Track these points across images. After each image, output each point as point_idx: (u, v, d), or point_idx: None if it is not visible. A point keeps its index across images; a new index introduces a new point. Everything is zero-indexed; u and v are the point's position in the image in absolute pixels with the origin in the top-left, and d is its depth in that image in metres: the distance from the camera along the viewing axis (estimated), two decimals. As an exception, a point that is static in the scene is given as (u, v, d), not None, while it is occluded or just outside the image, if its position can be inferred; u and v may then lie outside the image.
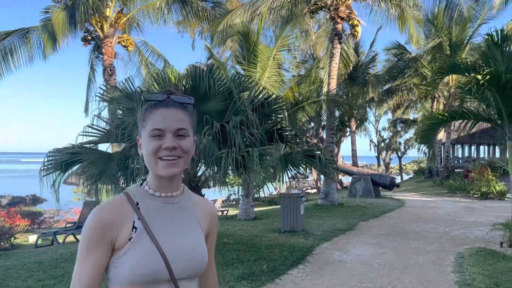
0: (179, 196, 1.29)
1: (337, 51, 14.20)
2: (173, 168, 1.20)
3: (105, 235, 1.16)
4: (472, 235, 9.69)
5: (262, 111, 7.29)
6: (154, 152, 1.19)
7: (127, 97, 6.64)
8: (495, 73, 7.04)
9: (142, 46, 17.19)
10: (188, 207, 1.30)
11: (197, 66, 6.64)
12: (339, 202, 14.63)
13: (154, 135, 1.19)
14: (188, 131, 1.23)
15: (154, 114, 1.22)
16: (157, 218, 1.22)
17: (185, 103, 1.27)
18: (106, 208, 1.20)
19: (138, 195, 1.25)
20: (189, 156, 1.24)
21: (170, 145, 1.18)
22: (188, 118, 1.25)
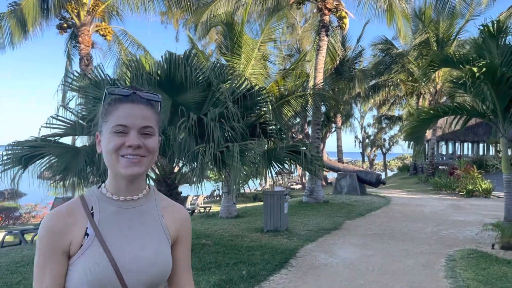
0: (142, 199, 1.20)
1: (324, 43, 13.73)
2: (135, 168, 1.11)
3: (57, 244, 1.10)
4: (461, 235, 9.36)
5: (244, 103, 6.77)
6: (115, 150, 1.11)
7: (96, 86, 6.03)
8: (491, 66, 6.64)
9: (122, 35, 16.44)
10: (151, 212, 1.20)
11: (173, 52, 6.07)
12: (324, 200, 14.22)
13: (117, 132, 1.11)
14: (154, 130, 1.16)
15: (118, 109, 1.13)
16: (111, 224, 1.14)
17: (152, 100, 1.19)
18: (56, 215, 1.13)
19: (94, 198, 1.17)
20: (153, 157, 1.16)
21: (135, 143, 1.10)
22: (155, 117, 1.18)
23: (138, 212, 1.18)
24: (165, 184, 7.03)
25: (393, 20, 16.03)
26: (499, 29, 7.04)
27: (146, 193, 1.22)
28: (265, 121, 7.35)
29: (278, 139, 7.64)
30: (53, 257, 1.09)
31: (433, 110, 7.64)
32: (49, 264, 1.09)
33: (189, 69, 6.00)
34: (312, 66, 15.77)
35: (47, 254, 1.10)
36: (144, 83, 5.98)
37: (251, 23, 26.69)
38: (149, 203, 1.21)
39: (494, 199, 16.89)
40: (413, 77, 25.01)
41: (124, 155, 1.11)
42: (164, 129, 5.94)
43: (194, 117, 5.62)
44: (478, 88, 6.49)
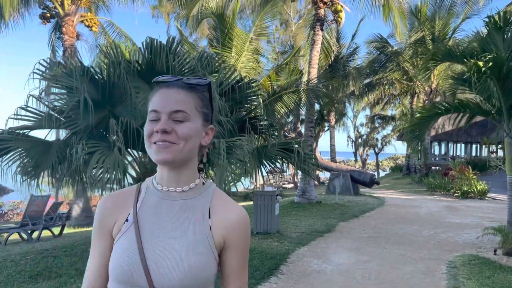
0: (188, 192, 1.11)
1: (318, 37, 13.24)
2: (163, 154, 1.03)
3: (104, 223, 1.12)
4: (460, 239, 8.93)
5: (233, 96, 6.25)
6: (148, 136, 1.07)
7: (68, 75, 5.47)
8: (497, 60, 6.19)
9: (108, 27, 15.85)
10: (197, 208, 1.10)
11: (154, 38, 5.53)
12: (317, 200, 13.75)
13: (151, 119, 1.06)
14: (189, 115, 1.06)
15: (154, 96, 1.09)
16: (151, 214, 1.09)
17: (194, 84, 1.09)
18: (109, 196, 1.17)
19: (145, 187, 1.16)
20: (187, 144, 1.05)
21: (161, 127, 1.02)
22: (194, 101, 1.08)
23: (181, 206, 1.10)
24: (146, 183, 6.48)
25: (390, 16, 15.59)
26: (506, 21, 6.59)
27: (196, 187, 1.13)
28: (255, 116, 6.83)
29: (269, 135, 7.14)
30: (100, 235, 1.12)
31: (435, 107, 7.19)
32: (97, 241, 1.13)
33: (172, 57, 5.47)
34: (306, 61, 15.29)
35: (96, 232, 1.13)
36: (122, 72, 5.43)
37: (244, 19, 26.19)
38: (197, 198, 1.12)
39: (489, 200, 16.56)
40: (408, 75, 24.64)
41: (155, 141, 1.05)
42: (143, 122, 5.40)
43: (176, 110, 5.09)
44: (484, 84, 6.03)
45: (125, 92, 5.65)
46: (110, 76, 5.49)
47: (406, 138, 7.78)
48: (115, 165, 4.85)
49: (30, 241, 9.01)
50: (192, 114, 1.07)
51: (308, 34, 17.06)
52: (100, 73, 5.76)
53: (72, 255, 6.61)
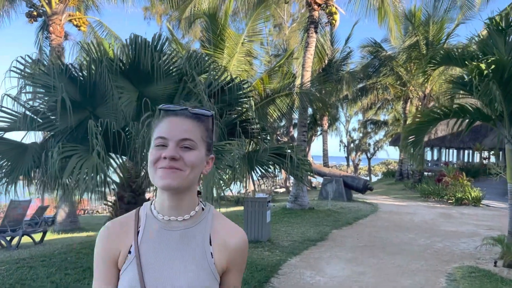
0: (188, 221, 1.11)
1: (312, 40, 12.96)
2: (169, 179, 1.04)
3: (108, 253, 1.11)
4: (457, 248, 8.65)
5: (223, 98, 5.90)
6: (154, 162, 1.07)
7: (46, 72, 5.10)
8: (500, 63, 5.92)
9: (98, 26, 15.41)
10: (197, 237, 1.11)
11: (138, 35, 5.18)
12: (310, 206, 13.42)
13: (158, 144, 1.08)
14: (196, 144, 1.09)
15: (161, 123, 1.11)
16: (152, 246, 1.09)
17: (200, 114, 1.13)
18: (111, 225, 1.15)
19: (144, 214, 1.15)
20: (192, 171, 1.07)
21: (169, 154, 1.04)
22: (200, 131, 1.11)
23: (181, 236, 1.09)
24: (130, 189, 6.11)
25: (385, 20, 15.39)
26: (508, 23, 6.33)
27: (196, 214, 1.13)
28: (246, 119, 6.49)
29: (261, 140, 6.79)
30: (105, 264, 1.11)
31: (433, 112, 6.91)
32: (102, 269, 1.11)
33: (157, 55, 5.11)
34: (300, 64, 15.01)
35: (100, 260, 1.12)
36: (104, 70, 5.07)
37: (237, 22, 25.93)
38: (198, 226, 1.12)
39: (483, 207, 16.35)
40: (402, 80, 24.49)
41: (161, 167, 1.05)
42: (126, 125, 5.04)
43: (161, 111, 4.73)
44: (486, 87, 5.76)
45: (107, 92, 5.27)
46: (91, 74, 5.12)
47: (403, 144, 7.48)
48: (94, 170, 4.47)
49: (9, 249, 8.57)
50: (198, 143, 1.10)
51: (302, 37, 16.82)
52: (80, 72, 5.38)
53: (50, 265, 6.19)
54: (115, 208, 6.16)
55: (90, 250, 7.22)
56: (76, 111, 5.20)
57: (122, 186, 6.17)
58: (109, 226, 1.14)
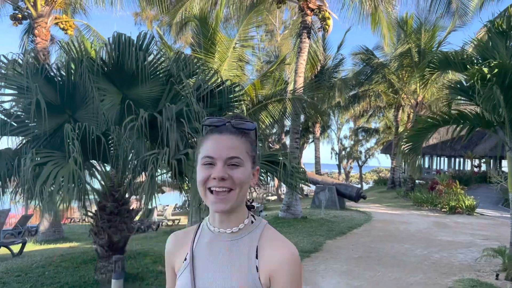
0: (236, 233, 1.15)
1: (305, 45, 12.70)
2: (221, 205, 1.09)
3: (168, 261, 1.25)
4: (456, 260, 8.35)
5: (213, 101, 5.56)
6: (203, 182, 1.11)
7: (20, 72, 4.71)
8: (502, 67, 5.67)
9: (85, 30, 15.02)
10: (244, 249, 1.13)
11: (122, 33, 4.82)
12: (303, 215, 13.07)
13: (205, 163, 1.11)
14: (243, 161, 1.11)
15: (207, 141, 1.14)
16: (203, 255, 1.16)
17: (244, 129, 1.16)
18: (173, 236, 1.26)
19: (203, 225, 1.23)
20: (242, 189, 1.11)
21: (219, 175, 1.07)
22: (245, 146, 1.14)
23: (230, 247, 1.14)
24: (112, 199, 5.72)
25: (378, 26, 15.22)
26: (510, 25, 6.10)
27: (245, 227, 1.16)
28: (237, 124, 6.14)
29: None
30: (168, 270, 1.25)
31: (432, 118, 6.63)
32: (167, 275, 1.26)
33: (142, 55, 4.76)
34: (292, 71, 14.75)
35: (166, 267, 1.26)
36: (84, 71, 4.70)
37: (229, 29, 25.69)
38: (245, 238, 1.15)
39: (477, 216, 16.14)
40: (394, 88, 24.39)
41: (211, 187, 1.09)
42: (107, 129, 4.67)
43: (145, 115, 4.37)
44: (489, 92, 5.49)
45: (88, 94, 4.90)
46: (70, 75, 4.74)
47: (400, 151, 7.18)
48: (70, 178, 4.09)
49: (-15, 261, 8.07)
50: (245, 159, 1.12)
51: (294, 43, 16.58)
52: (58, 72, 5.01)
53: (25, 281, 5.76)
54: (96, 219, 5.76)
55: (70, 263, 6.79)
56: (53, 114, 4.83)
57: (104, 195, 5.77)
58: (172, 236, 1.26)
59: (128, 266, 6.48)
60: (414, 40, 21.51)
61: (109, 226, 5.71)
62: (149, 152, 4.31)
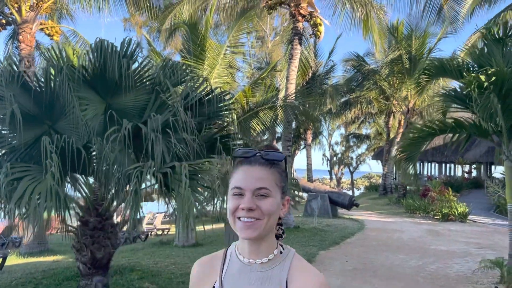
0: (266, 264, 1.16)
1: (296, 52, 12.53)
2: (249, 231, 1.11)
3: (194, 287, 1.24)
4: (451, 271, 8.16)
5: (201, 110, 5.31)
6: (232, 212, 1.14)
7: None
8: (500, 75, 5.51)
9: (72, 36, 14.72)
10: (275, 280, 1.14)
11: (104, 39, 4.57)
12: (295, 225, 12.83)
13: (235, 194, 1.15)
14: (271, 191, 1.14)
15: (237, 172, 1.18)
16: (233, 284, 1.16)
17: (273, 160, 1.18)
18: (199, 262, 1.27)
19: (231, 253, 1.23)
20: (270, 219, 1.13)
21: (247, 206, 1.11)
22: (274, 177, 1.16)
23: (260, 278, 1.15)
24: (96, 213, 5.42)
25: (369, 33, 15.13)
26: (506, 32, 5.96)
27: (275, 257, 1.17)
28: (228, 134, 5.89)
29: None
30: None
31: (428, 127, 6.46)
32: None
33: (125, 62, 4.50)
34: (283, 77, 14.58)
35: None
36: (64, 79, 4.43)
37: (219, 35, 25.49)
38: (275, 269, 1.16)
39: (470, 223, 16.03)
40: (385, 94, 24.37)
41: (240, 217, 1.12)
42: (88, 141, 4.40)
43: (129, 126, 4.11)
44: (486, 100, 5.33)
45: (69, 103, 4.62)
46: (48, 83, 4.47)
47: (396, 161, 7.00)
48: (47, 194, 3.80)
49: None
50: (273, 189, 1.14)
51: (285, 50, 16.44)
52: (37, 80, 4.73)
53: (2, 301, 5.42)
54: (78, 235, 5.46)
55: (52, 280, 6.46)
56: (31, 125, 4.55)
57: (87, 210, 5.47)
58: (197, 263, 1.26)
59: (113, 283, 6.17)
60: (405, 46, 21.52)
61: (92, 242, 5.41)
62: (133, 165, 4.04)
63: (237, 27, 11.30)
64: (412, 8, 11.95)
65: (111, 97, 4.98)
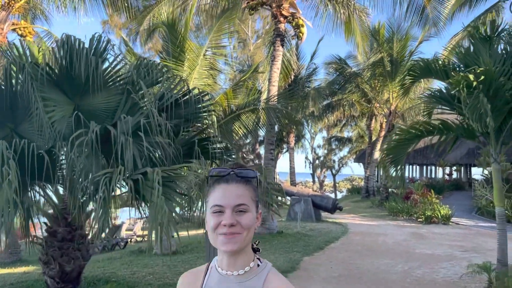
0: (243, 275, 1.23)
1: (279, 53, 12.30)
2: (230, 245, 1.18)
3: None
4: (438, 276, 8.00)
5: (178, 112, 4.98)
6: (214, 229, 1.20)
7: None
8: (488, 74, 5.36)
9: (46, 37, 14.16)
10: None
11: (71, 35, 4.21)
12: (278, 230, 12.55)
13: (215, 211, 1.20)
14: (249, 207, 1.22)
15: (215, 190, 1.23)
16: None
17: (248, 177, 1.26)
18: (185, 275, 1.36)
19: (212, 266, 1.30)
20: (249, 233, 1.22)
21: (228, 222, 1.17)
22: (250, 193, 1.24)
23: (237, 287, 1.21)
24: (65, 223, 5.03)
25: (351, 35, 15.02)
26: (494, 31, 5.82)
27: (251, 270, 1.23)
28: (207, 137, 5.57)
29: (225, 161, 5.88)
30: None
31: (415, 129, 6.28)
32: None
33: (94, 60, 4.15)
34: (265, 80, 14.32)
35: None
36: (26, 78, 4.05)
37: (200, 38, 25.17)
38: (251, 281, 1.22)
39: (453, 226, 16.03)
40: (367, 97, 24.39)
41: (221, 233, 1.17)
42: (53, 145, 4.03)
43: (97, 129, 3.76)
44: (475, 100, 5.16)
45: (32, 105, 4.25)
46: (9, 83, 4.09)
47: (381, 164, 6.79)
48: (5, 205, 3.42)
49: None
50: (250, 204, 1.21)
51: (267, 52, 16.20)
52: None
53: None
54: (45, 246, 5.06)
55: (18, 295, 6.01)
56: (-10, 128, 4.14)
57: (55, 219, 5.08)
58: (184, 276, 1.35)
59: (85, 297, 5.78)
60: (386, 49, 21.56)
61: (60, 254, 5.02)
62: (101, 171, 3.69)
63: (218, 27, 11.00)
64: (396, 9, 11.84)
65: (80, 98, 4.62)
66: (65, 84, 4.48)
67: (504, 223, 6.21)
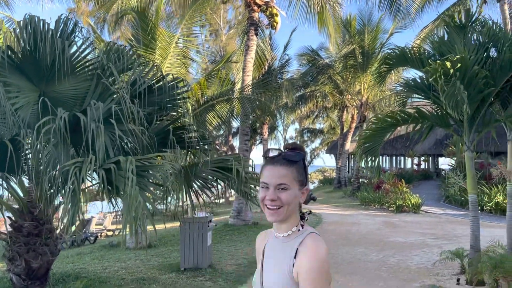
0: (286, 237, 1.47)
1: (253, 43, 12.14)
2: (273, 217, 1.43)
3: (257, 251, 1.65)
4: (412, 263, 8.11)
5: (151, 99, 4.76)
6: (261, 200, 1.46)
7: None
8: (464, 62, 5.39)
9: (8, 23, 13.40)
10: (288, 250, 1.44)
11: (34, 16, 3.91)
12: (253, 221, 12.47)
13: (263, 187, 1.46)
14: (289, 185, 1.42)
15: (265, 169, 1.47)
16: (268, 251, 1.54)
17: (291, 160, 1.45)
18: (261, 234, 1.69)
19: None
20: (289, 207, 1.43)
21: (270, 197, 1.42)
22: (293, 174, 1.43)
23: (281, 247, 1.48)
24: (31, 217, 4.75)
25: (324, 26, 15.00)
26: (469, 19, 5.86)
27: (292, 233, 1.47)
28: (182, 125, 5.38)
29: (201, 150, 5.70)
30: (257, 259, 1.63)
31: (391, 117, 6.28)
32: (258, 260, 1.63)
33: (60, 42, 3.88)
34: (239, 70, 14.14)
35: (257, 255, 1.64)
36: (-14, 61, 3.74)
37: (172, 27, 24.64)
38: (291, 242, 1.45)
39: (423, 214, 16.40)
40: (339, 89, 24.57)
41: (266, 205, 1.43)
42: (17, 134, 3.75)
43: (65, 116, 3.51)
44: (452, 88, 5.18)
45: (-7, 90, 3.93)
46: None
47: (357, 153, 6.77)
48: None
49: None
50: (291, 184, 1.43)
51: (240, 42, 15.99)
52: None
53: None
54: (10, 242, 4.76)
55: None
56: None
57: (20, 213, 4.79)
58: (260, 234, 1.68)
59: (54, 294, 5.51)
60: (358, 41, 21.74)
61: (26, 250, 4.74)
62: (70, 161, 3.46)
63: (189, 14, 10.70)
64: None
65: (45, 84, 4.33)
66: (30, 69, 4.19)
67: (476, 210, 6.32)
